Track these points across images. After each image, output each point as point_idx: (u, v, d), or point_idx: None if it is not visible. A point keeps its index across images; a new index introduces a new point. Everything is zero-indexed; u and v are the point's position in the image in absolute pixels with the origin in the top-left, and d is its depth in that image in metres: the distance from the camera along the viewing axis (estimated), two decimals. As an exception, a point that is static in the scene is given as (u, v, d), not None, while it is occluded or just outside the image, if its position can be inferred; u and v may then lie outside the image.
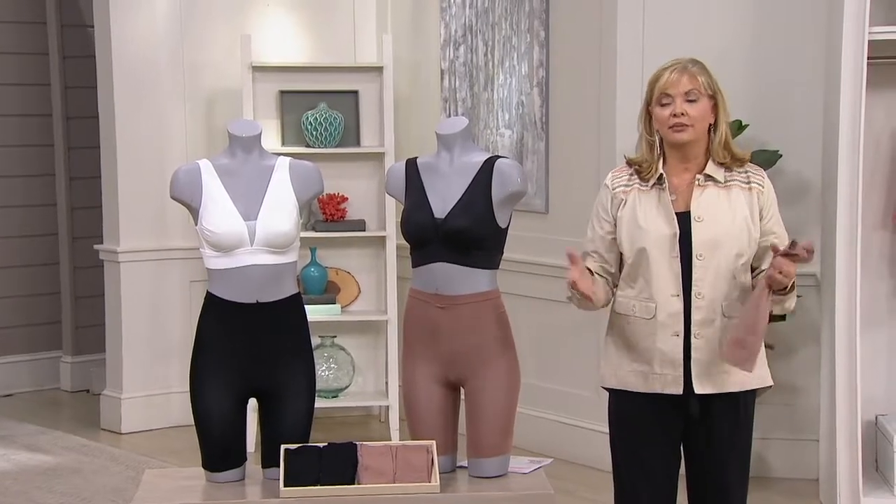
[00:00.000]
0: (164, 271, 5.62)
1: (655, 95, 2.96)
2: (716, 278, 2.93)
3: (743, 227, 2.94)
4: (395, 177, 3.37)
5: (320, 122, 5.36)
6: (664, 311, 2.94)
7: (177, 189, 3.24)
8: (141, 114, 5.57)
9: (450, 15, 5.50)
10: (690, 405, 2.96)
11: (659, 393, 2.96)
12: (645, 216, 2.96)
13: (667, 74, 2.95)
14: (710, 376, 2.95)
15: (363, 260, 5.58)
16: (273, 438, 3.22)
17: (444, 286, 3.23)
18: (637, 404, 3.00)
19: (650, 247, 2.94)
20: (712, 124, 2.97)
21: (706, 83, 2.95)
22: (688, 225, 2.93)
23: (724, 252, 2.93)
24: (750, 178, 2.99)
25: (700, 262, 2.92)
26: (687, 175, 2.98)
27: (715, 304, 2.93)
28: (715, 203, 2.95)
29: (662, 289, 2.93)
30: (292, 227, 3.21)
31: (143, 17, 5.54)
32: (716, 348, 2.93)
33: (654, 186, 2.98)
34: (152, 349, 5.64)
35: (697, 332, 2.93)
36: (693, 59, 3.00)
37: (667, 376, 2.95)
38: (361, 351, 5.60)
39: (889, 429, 4.12)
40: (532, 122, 5.18)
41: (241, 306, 3.19)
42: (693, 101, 2.93)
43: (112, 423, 5.66)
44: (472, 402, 3.26)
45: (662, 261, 2.93)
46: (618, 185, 3.03)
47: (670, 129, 2.93)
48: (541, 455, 4.00)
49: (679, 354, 2.94)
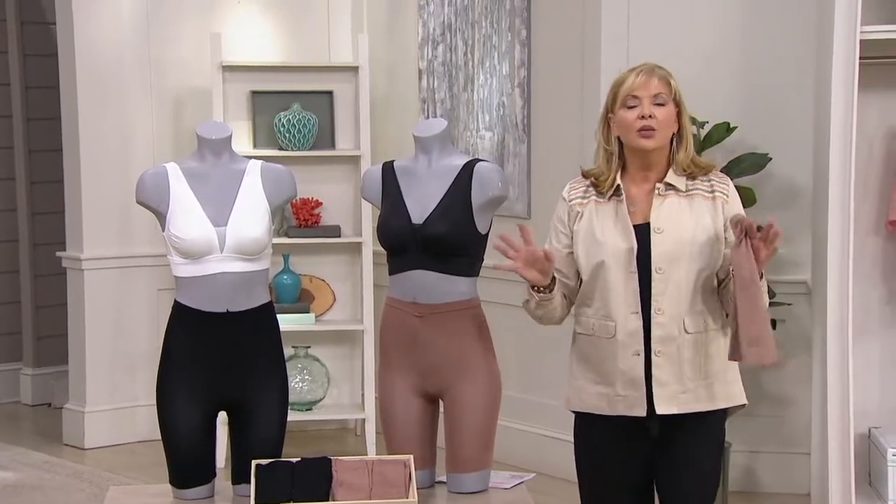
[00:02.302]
0: (129, 279, 5.61)
1: (620, 98, 2.92)
2: (677, 292, 2.87)
3: (705, 238, 2.89)
4: (371, 181, 3.38)
5: (293, 123, 5.36)
6: (623, 329, 2.89)
7: (143, 193, 3.24)
8: (105, 115, 5.56)
9: (428, 13, 5.52)
10: (651, 426, 2.91)
11: (624, 415, 2.92)
12: (602, 230, 2.92)
13: (633, 77, 2.92)
14: (673, 396, 2.89)
15: (338, 267, 5.58)
16: (244, 453, 3.21)
17: (423, 294, 3.23)
18: (602, 428, 2.96)
19: (607, 261, 2.89)
20: (675, 133, 2.94)
21: (674, 88, 2.93)
22: (647, 237, 2.89)
23: (684, 265, 2.88)
24: (714, 187, 2.94)
25: (659, 276, 2.87)
26: (647, 185, 2.94)
27: (676, 320, 2.88)
28: (676, 213, 2.90)
29: (621, 306, 2.89)
30: (264, 233, 3.22)
31: (107, 14, 5.53)
32: (678, 366, 2.88)
33: (612, 198, 2.94)
34: (117, 361, 5.62)
35: (658, 350, 2.87)
36: (658, 64, 2.97)
37: (630, 397, 2.90)
38: (336, 362, 5.60)
39: (883, 442, 4.15)
40: (513, 123, 5.19)
41: (210, 316, 3.19)
42: (661, 104, 2.90)
43: (75, 438, 5.64)
44: (451, 415, 3.26)
45: (619, 277, 2.89)
46: (574, 198, 2.99)
47: (637, 132, 2.89)
48: (522, 469, 4.01)
49: (641, 374, 2.89)
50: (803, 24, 4.60)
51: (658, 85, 2.91)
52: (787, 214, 4.61)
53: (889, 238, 4.25)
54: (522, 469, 4.18)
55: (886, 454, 4.09)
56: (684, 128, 2.95)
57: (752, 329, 2.82)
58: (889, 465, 4.07)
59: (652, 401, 2.89)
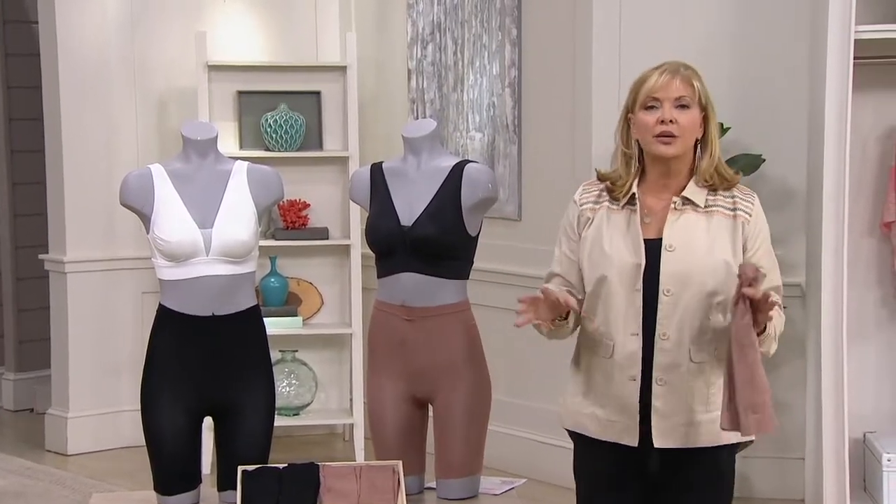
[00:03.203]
0: (113, 282, 5.60)
1: (640, 99, 2.73)
2: (684, 317, 2.68)
3: (720, 260, 2.70)
4: (360, 182, 3.38)
5: (280, 124, 5.36)
6: (621, 350, 2.71)
7: (127, 195, 3.24)
8: (89, 115, 5.55)
9: (417, 12, 5.52)
10: (650, 461, 2.72)
11: (616, 443, 2.74)
12: (610, 240, 2.74)
13: (656, 76, 2.73)
14: (674, 429, 2.70)
15: (326, 270, 5.58)
16: (230, 459, 3.21)
17: (411, 298, 3.24)
18: (595, 452, 2.79)
19: (612, 276, 2.71)
20: (700, 139, 2.76)
21: (700, 91, 2.74)
22: (658, 254, 2.70)
23: (695, 288, 2.68)
24: (736, 205, 2.75)
25: (668, 298, 2.68)
26: (666, 195, 2.75)
27: (682, 347, 2.69)
28: (691, 230, 2.71)
29: (621, 325, 2.70)
30: (250, 235, 3.21)
31: (91, 13, 5.52)
32: (682, 396, 2.70)
33: (626, 207, 2.76)
34: (101, 365, 5.61)
35: (660, 378, 2.69)
36: (685, 63, 2.80)
37: (620, 424, 2.73)
38: (324, 366, 5.60)
39: (878, 447, 4.16)
40: (504, 124, 5.20)
41: (195, 319, 3.19)
42: (684, 107, 2.72)
43: (58, 445, 5.62)
44: (440, 420, 3.27)
45: (623, 293, 2.70)
46: (586, 202, 2.82)
47: (656, 138, 2.71)
48: (513, 475, 4.01)
49: (635, 401, 2.70)
50: (797, 24, 4.62)
51: (681, 87, 2.72)
52: (781, 216, 4.62)
53: (884, 240, 4.26)
54: (513, 475, 4.18)
55: (882, 459, 4.09)
56: (710, 133, 2.76)
57: (752, 395, 2.60)
58: (885, 470, 4.08)
59: (650, 433, 2.71)
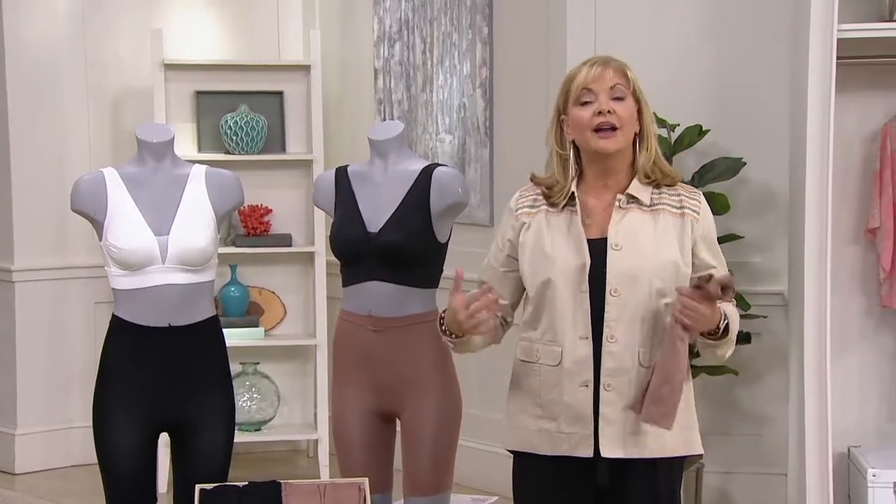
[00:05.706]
0: (64, 292, 5.57)
1: (573, 95, 2.74)
2: (633, 319, 2.69)
3: (669, 259, 2.71)
4: (324, 187, 3.38)
5: (241, 126, 5.36)
6: (571, 356, 2.70)
7: (79, 201, 3.23)
8: (38, 117, 5.52)
9: (384, 9, 5.53)
10: (598, 472, 2.71)
11: (568, 456, 2.72)
12: (552, 243, 2.74)
13: (586, 69, 2.73)
14: (621, 438, 2.70)
15: (289, 278, 5.57)
16: (187, 477, 3.20)
17: (378, 307, 3.24)
18: (543, 470, 2.76)
19: (556, 278, 2.71)
20: (637, 134, 2.76)
21: (633, 81, 2.75)
22: (603, 254, 2.70)
23: (643, 288, 2.69)
24: (683, 202, 2.77)
25: (615, 299, 2.69)
26: (606, 195, 2.76)
27: (630, 350, 2.70)
28: (637, 229, 2.72)
29: (568, 330, 2.70)
30: (209, 242, 3.21)
31: (40, 10, 5.50)
32: (630, 403, 2.70)
33: (565, 208, 2.76)
34: (51, 379, 5.58)
35: (608, 383, 2.69)
36: (611, 55, 2.80)
37: (575, 436, 2.71)
38: (287, 379, 5.59)
39: (862, 461, 4.19)
40: (475, 126, 5.21)
41: (151, 330, 3.18)
42: (619, 98, 2.72)
43: (5, 463, 5.59)
44: (408, 435, 3.27)
45: (568, 296, 2.70)
46: (522, 206, 2.82)
47: (595, 132, 2.71)
48: (485, 492, 4.01)
49: (589, 409, 2.70)
50: (778, 23, 4.65)
51: (614, 76, 2.73)
52: (762, 222, 4.65)
53: (869, 246, 4.30)
54: (485, 492, 4.19)
55: (867, 474, 4.12)
56: (646, 127, 2.77)
57: (663, 388, 2.66)
58: (869, 486, 4.10)
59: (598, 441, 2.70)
